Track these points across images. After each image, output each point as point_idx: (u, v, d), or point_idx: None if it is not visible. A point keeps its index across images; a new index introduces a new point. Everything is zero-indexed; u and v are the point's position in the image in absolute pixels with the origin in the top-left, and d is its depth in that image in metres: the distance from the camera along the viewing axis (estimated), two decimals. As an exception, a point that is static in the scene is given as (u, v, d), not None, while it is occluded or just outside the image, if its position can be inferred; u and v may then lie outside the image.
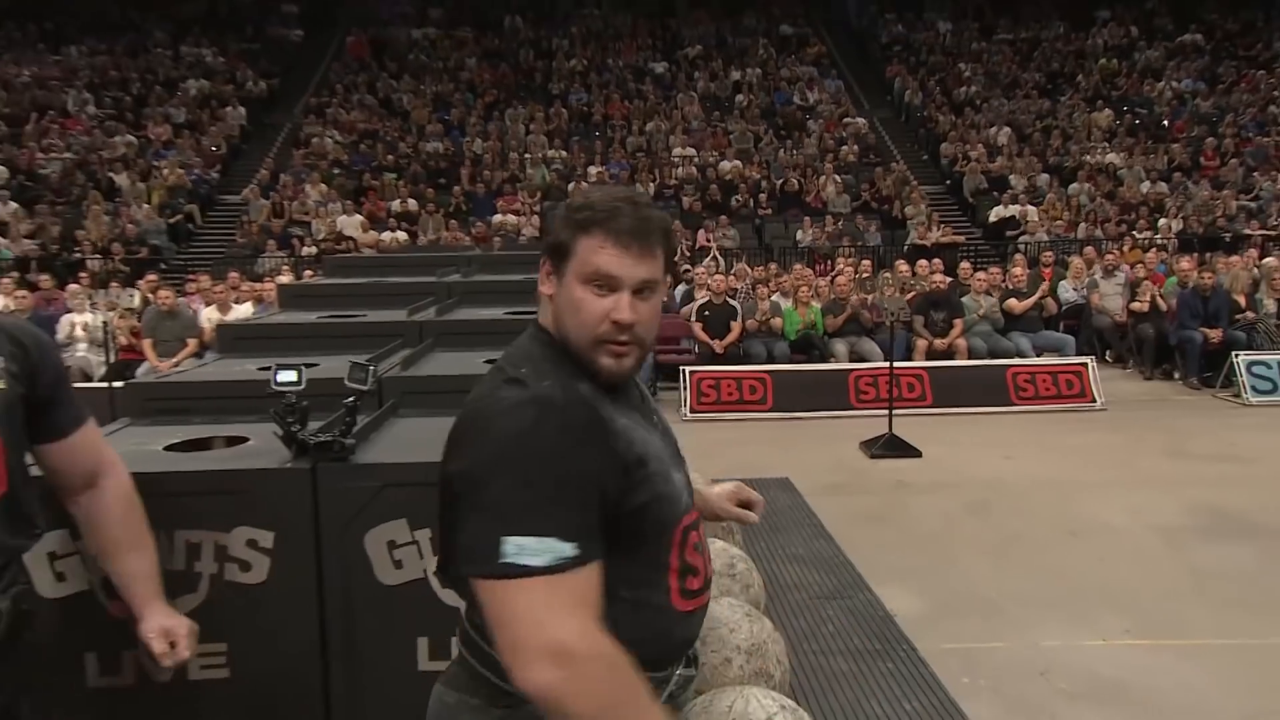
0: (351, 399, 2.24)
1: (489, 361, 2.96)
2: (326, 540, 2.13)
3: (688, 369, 8.52)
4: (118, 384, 7.72)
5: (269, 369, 2.98)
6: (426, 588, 2.14)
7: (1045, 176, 17.34)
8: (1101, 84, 20.89)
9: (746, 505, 1.89)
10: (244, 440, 2.47)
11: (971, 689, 3.43)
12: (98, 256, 14.96)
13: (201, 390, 2.82)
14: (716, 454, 6.67)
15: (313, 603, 2.14)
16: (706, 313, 9.50)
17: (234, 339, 3.38)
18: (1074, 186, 16.87)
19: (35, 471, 1.82)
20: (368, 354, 3.11)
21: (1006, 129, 18.96)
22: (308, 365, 3.04)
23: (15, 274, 12.98)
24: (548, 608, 1.22)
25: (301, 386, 2.21)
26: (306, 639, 2.15)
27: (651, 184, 17.62)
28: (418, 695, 1.99)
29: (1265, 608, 4.16)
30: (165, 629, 1.81)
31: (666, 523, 1.42)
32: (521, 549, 1.21)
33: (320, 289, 4.17)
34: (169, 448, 2.40)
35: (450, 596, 2.09)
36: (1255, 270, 10.16)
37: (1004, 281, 10.04)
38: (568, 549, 1.23)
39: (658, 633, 1.45)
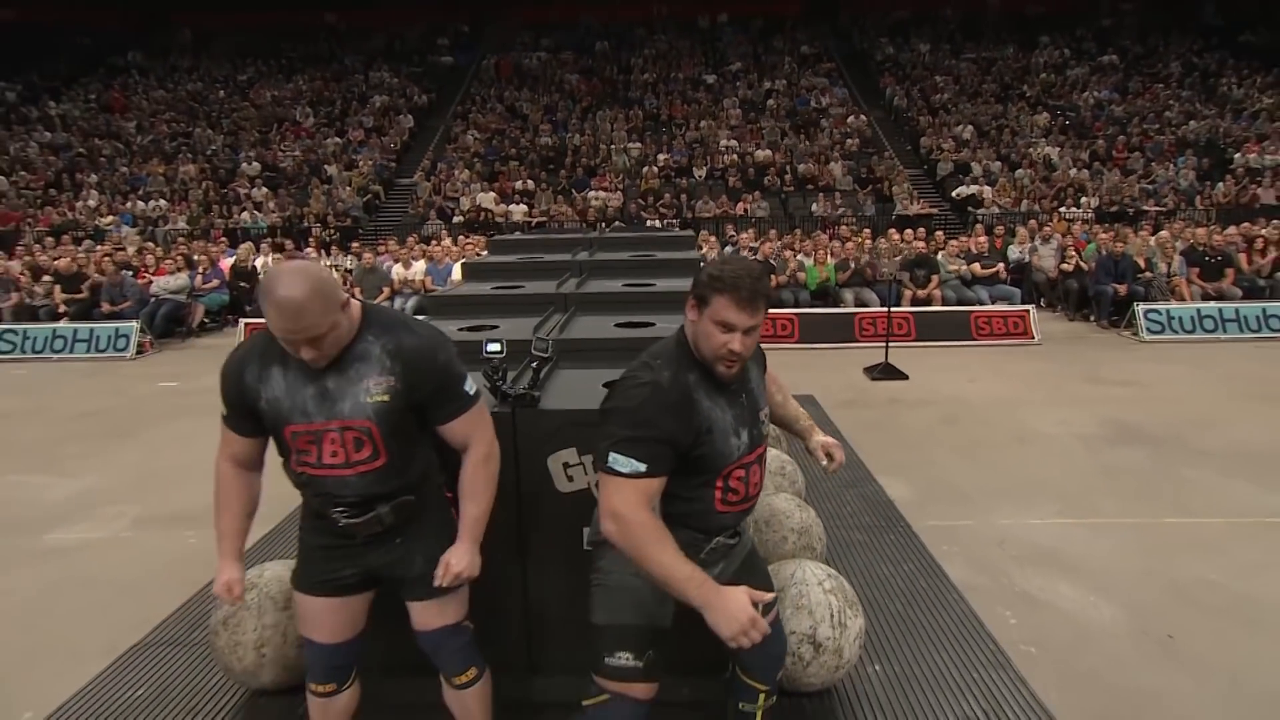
0: (537, 362, 2.29)
1: (618, 325, 3.03)
2: (522, 461, 2.19)
3: (737, 311, 8.47)
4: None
5: (469, 329, 3.05)
6: (588, 494, 2.19)
7: (998, 164, 16.66)
8: (1041, 93, 19.93)
9: (830, 457, 2.04)
10: None
11: (949, 555, 3.47)
12: (318, 225, 15.27)
13: None
14: (760, 376, 6.62)
15: (514, 502, 2.20)
16: (750, 269, 9.42)
17: (440, 305, 3.40)
18: (1019, 172, 16.22)
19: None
20: (530, 318, 3.20)
21: (970, 127, 18.26)
22: (489, 327, 3.10)
23: (269, 239, 13.38)
24: (619, 493, 1.57)
25: (504, 354, 2.24)
26: (510, 524, 2.23)
27: (704, 168, 17.26)
28: (583, 566, 2.10)
29: (1154, 496, 4.15)
30: (449, 561, 1.81)
31: (716, 467, 1.70)
32: (616, 460, 1.57)
33: (490, 266, 4.14)
34: None
35: None
36: (1151, 241, 9.79)
37: (970, 246, 9.80)
38: (640, 466, 1.57)
39: (702, 518, 1.74)
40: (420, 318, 1.94)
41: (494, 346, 2.22)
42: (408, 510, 1.83)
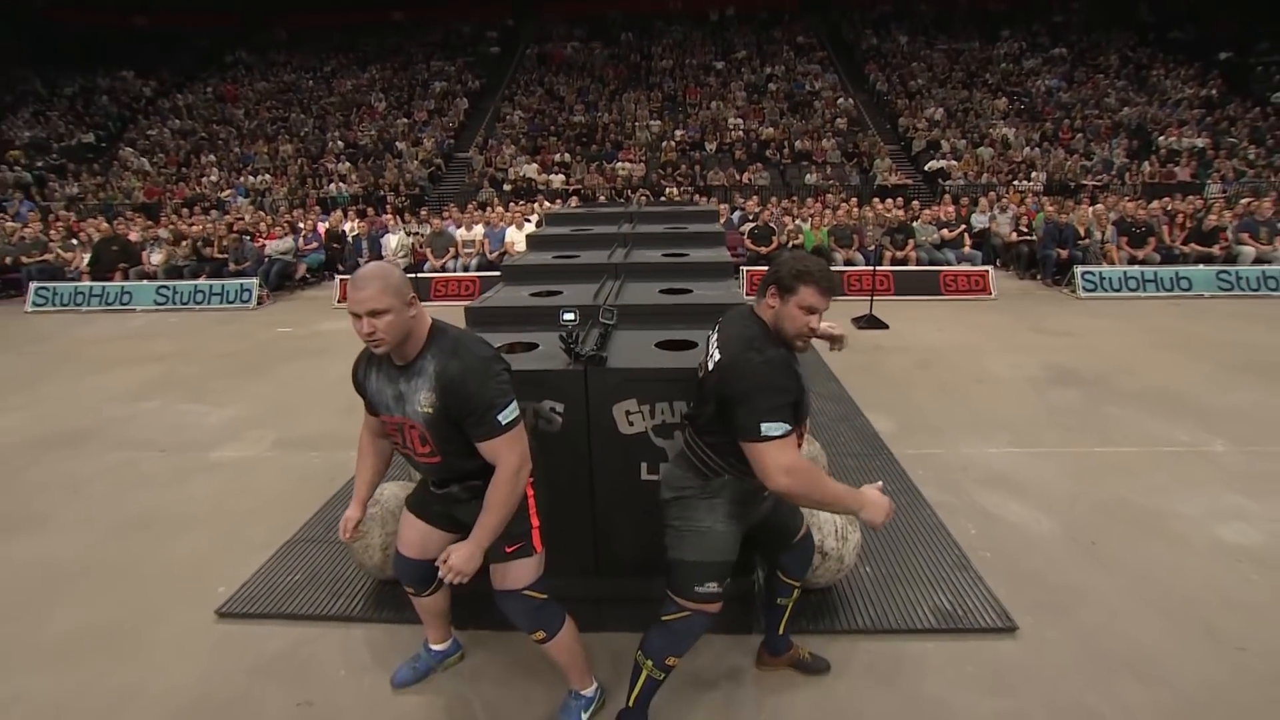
0: (603, 327, 2.28)
1: (663, 291, 2.97)
2: (592, 409, 2.17)
3: (743, 267, 8.29)
4: (411, 275, 8.04)
5: (540, 293, 3.01)
6: (645, 436, 2.18)
7: (963, 142, 15.97)
8: (1001, 81, 18.91)
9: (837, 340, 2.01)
10: (535, 346, 2.39)
11: (924, 478, 3.49)
12: (392, 193, 15.07)
13: (505, 313, 2.77)
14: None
15: (584, 442, 2.20)
16: (755, 231, 9.19)
17: (515, 273, 3.32)
18: (981, 149, 15.54)
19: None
20: (587, 284, 3.13)
21: (941, 109, 17.45)
22: (555, 292, 3.06)
23: (353, 206, 13.26)
24: (782, 452, 1.55)
25: (577, 321, 2.20)
26: (580, 459, 2.22)
27: (715, 142, 16.70)
28: (639, 493, 2.16)
29: (1086, 429, 4.13)
30: (449, 555, 1.70)
31: (802, 418, 1.70)
32: (769, 428, 1.55)
33: (548, 237, 4.03)
34: (498, 349, 2.32)
35: (658, 439, 2.16)
36: (1090, 212, 9.49)
37: (940, 215, 9.53)
38: (786, 427, 1.56)
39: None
40: (477, 335, 1.82)
41: (569, 315, 2.19)
42: (478, 490, 1.79)
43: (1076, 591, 2.59)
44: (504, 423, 1.67)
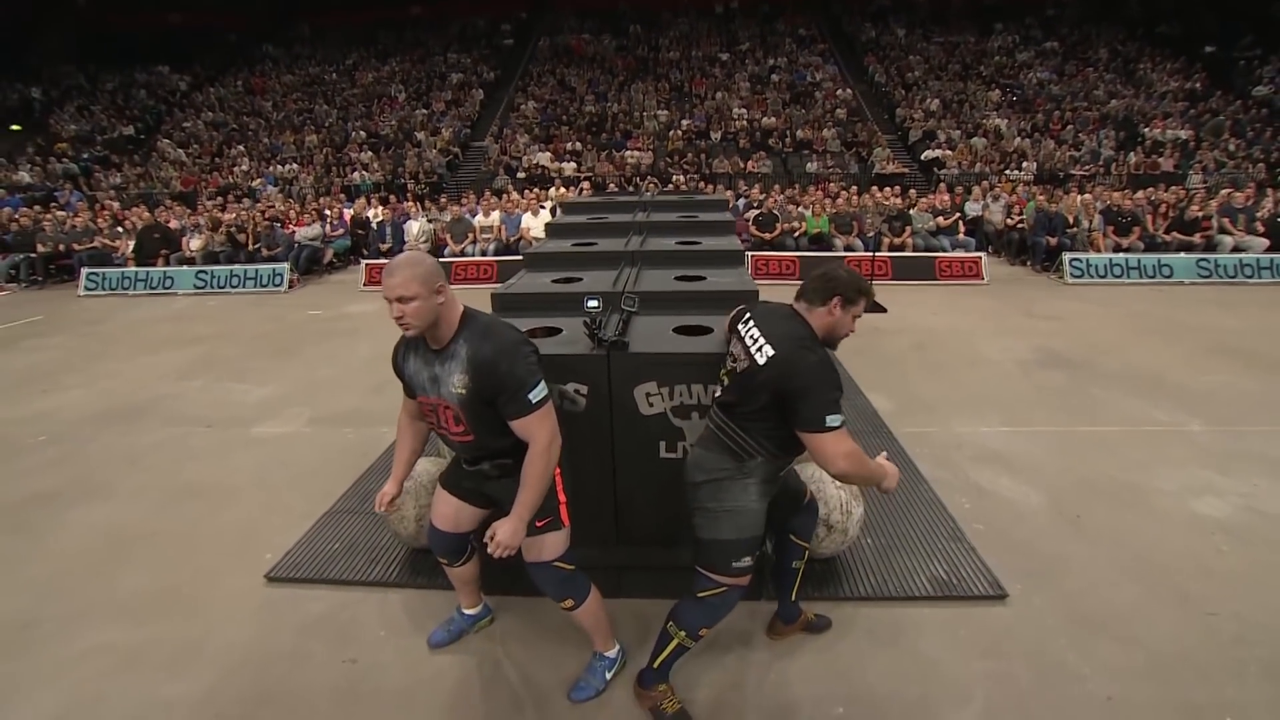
0: (625, 314, 2.26)
1: (678, 278, 2.91)
2: (614, 390, 2.16)
3: (748, 252, 8.18)
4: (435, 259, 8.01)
5: (561, 280, 2.96)
6: (664, 417, 2.18)
7: (958, 132, 15.58)
8: (995, 73, 18.39)
9: None
10: (559, 330, 2.37)
11: (921, 455, 3.50)
12: (412, 181, 14.94)
13: (530, 299, 2.75)
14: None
15: (607, 421, 2.20)
16: (760, 217, 9.08)
17: (536, 260, 3.27)
18: (975, 139, 15.19)
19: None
20: (606, 271, 3.06)
21: (936, 100, 17.02)
22: (574, 279, 3.03)
23: (376, 194, 13.16)
24: (844, 440, 1.61)
25: (600, 308, 2.19)
26: (603, 438, 2.22)
27: (719, 131, 16.41)
28: (657, 468, 2.15)
29: (1071, 409, 4.12)
30: (495, 532, 1.71)
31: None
32: (833, 419, 1.60)
33: (567, 225, 3.97)
34: (524, 333, 2.33)
35: (676, 419, 2.16)
36: (1078, 201, 9.40)
37: (935, 203, 9.40)
38: (843, 418, 1.62)
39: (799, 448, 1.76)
40: (506, 320, 1.82)
41: (593, 303, 2.18)
42: (507, 467, 1.82)
43: (1062, 561, 2.61)
44: (534, 401, 1.67)
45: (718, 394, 1.87)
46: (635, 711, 1.95)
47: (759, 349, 1.71)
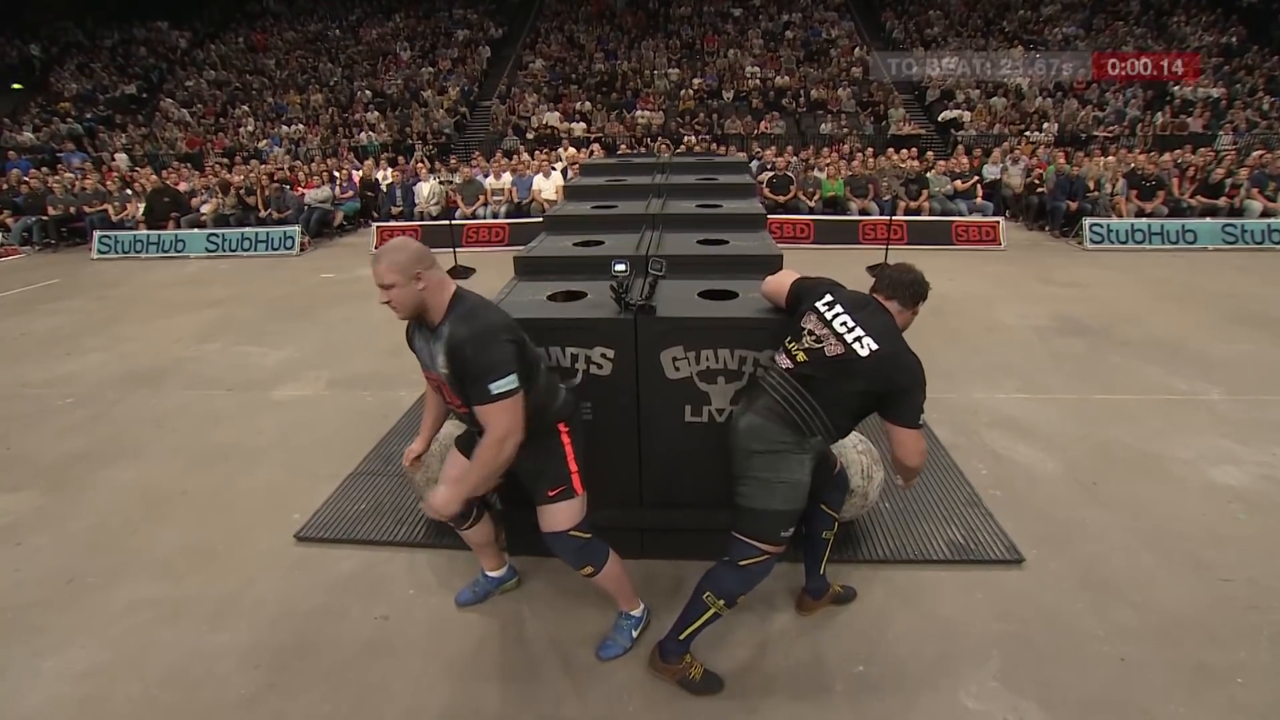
0: (653, 277, 2.21)
1: (700, 241, 2.86)
2: (641, 355, 2.16)
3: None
4: (445, 222, 7.92)
5: (582, 243, 2.92)
6: (690, 381, 2.16)
7: (976, 92, 15.13)
8: (1018, 29, 17.65)
9: None
10: (584, 294, 2.34)
11: (937, 420, 3.49)
12: (419, 141, 14.70)
13: (552, 262, 2.71)
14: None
15: (632, 385, 2.19)
16: (774, 180, 8.89)
17: (556, 224, 3.23)
18: (994, 99, 14.75)
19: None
20: (627, 234, 3.01)
21: (955, 58, 16.56)
22: (595, 242, 2.98)
23: (384, 155, 12.96)
24: (923, 439, 1.74)
25: (628, 271, 2.15)
26: (629, 402, 2.22)
27: (732, 90, 15.99)
28: (680, 433, 2.15)
29: (1089, 376, 4.09)
30: (433, 494, 1.79)
31: None
32: (922, 419, 1.72)
33: (585, 188, 3.87)
34: (549, 297, 2.35)
35: (702, 384, 2.14)
36: (1101, 164, 9.08)
37: (953, 166, 9.16)
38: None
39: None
40: (496, 305, 1.86)
41: (620, 267, 2.14)
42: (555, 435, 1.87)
43: (1078, 527, 2.63)
44: (494, 392, 1.64)
45: (788, 365, 1.81)
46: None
47: (858, 339, 1.72)
